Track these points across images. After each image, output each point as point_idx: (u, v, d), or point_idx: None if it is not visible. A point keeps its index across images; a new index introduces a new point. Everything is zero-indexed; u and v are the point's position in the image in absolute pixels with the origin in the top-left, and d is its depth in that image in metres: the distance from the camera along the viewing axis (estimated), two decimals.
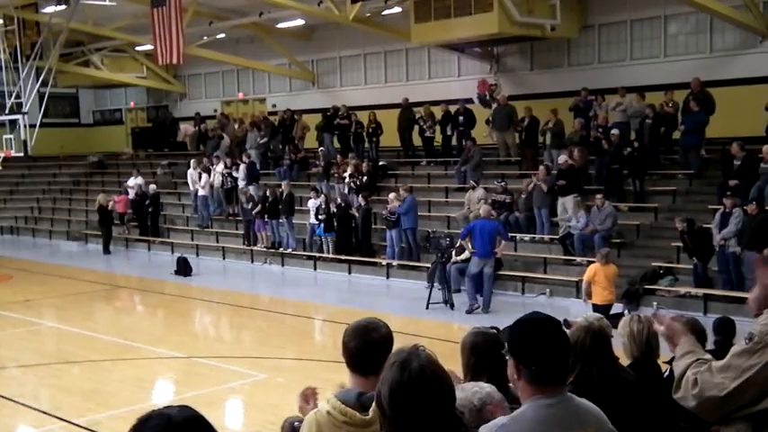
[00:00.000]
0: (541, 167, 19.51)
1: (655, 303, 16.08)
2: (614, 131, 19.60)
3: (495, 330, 4.25)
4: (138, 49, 31.64)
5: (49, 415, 10.66)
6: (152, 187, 27.73)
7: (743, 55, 20.09)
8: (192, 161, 27.66)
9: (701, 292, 15.89)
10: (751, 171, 16.84)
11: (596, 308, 13.97)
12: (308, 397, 4.11)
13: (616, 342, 4.92)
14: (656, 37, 21.59)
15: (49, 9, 26.40)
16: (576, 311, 12.97)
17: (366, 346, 3.59)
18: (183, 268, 22.48)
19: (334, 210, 22.12)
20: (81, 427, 10.14)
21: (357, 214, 21.58)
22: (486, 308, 16.65)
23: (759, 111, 18.18)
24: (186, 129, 32.20)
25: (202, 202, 26.97)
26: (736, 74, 19.86)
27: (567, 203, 18.83)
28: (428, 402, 2.68)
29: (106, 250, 27.19)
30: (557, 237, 18.86)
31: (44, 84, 28.68)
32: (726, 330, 7.50)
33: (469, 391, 3.46)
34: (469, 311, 16.52)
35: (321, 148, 25.65)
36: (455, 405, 2.94)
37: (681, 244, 16.72)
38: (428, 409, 2.66)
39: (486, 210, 17.53)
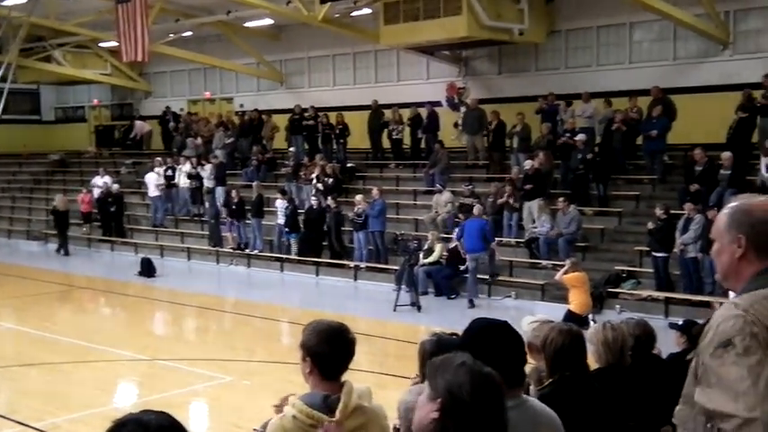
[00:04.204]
0: (508, 187, 19.54)
1: (617, 306, 16.28)
2: (580, 136, 19.78)
3: (454, 336, 4.26)
4: (102, 45, 31.30)
5: (6, 418, 10.44)
6: (115, 187, 27.46)
7: (705, 63, 20.37)
8: (157, 160, 27.44)
9: (662, 295, 16.09)
10: (712, 177, 17.10)
11: (573, 315, 14.22)
12: (283, 405, 4.09)
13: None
14: (622, 44, 21.82)
15: (9, 2, 25.98)
16: (541, 314, 13.06)
17: (335, 350, 3.58)
18: (147, 269, 22.29)
19: (303, 212, 22.08)
20: (39, 430, 9.96)
21: (328, 216, 21.54)
22: (470, 299, 17.39)
23: (720, 118, 18.46)
24: (141, 126, 31.96)
25: (156, 203, 26.86)
26: (698, 81, 20.13)
27: (532, 207, 18.97)
28: (501, 402, 2.64)
29: (63, 252, 26.76)
30: (523, 240, 18.98)
31: (3, 79, 28.26)
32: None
33: (414, 393, 3.47)
34: (471, 306, 17.26)
35: (291, 148, 25.58)
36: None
37: (644, 248, 16.94)
38: (501, 408, 2.62)
39: (478, 209, 18.31)
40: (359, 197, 21.04)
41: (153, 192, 26.77)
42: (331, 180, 22.88)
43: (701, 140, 18.26)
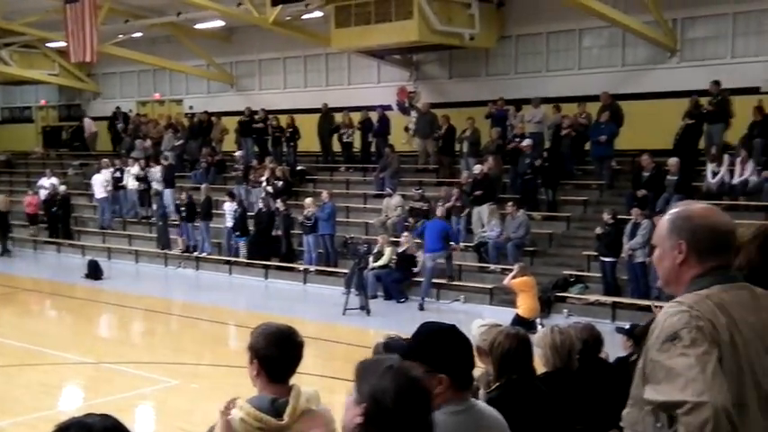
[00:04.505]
0: (456, 191, 19.64)
1: (565, 311, 16.44)
2: (526, 141, 19.93)
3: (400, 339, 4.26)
4: (49, 45, 30.82)
5: None
6: (62, 188, 27.04)
7: (653, 70, 20.69)
8: (104, 161, 27.06)
9: (609, 299, 16.29)
10: (659, 183, 17.35)
11: (522, 319, 14.34)
12: (230, 409, 4.05)
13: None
14: (571, 49, 22.07)
15: None
16: (491, 318, 13.13)
17: (283, 353, 3.56)
18: (94, 272, 22.00)
19: (253, 215, 21.96)
20: None
21: (277, 219, 21.43)
22: (422, 299, 17.72)
23: (668, 124, 18.76)
24: (89, 125, 31.55)
25: (103, 204, 26.53)
26: (646, 88, 20.43)
27: (482, 212, 19.08)
28: (427, 408, 2.62)
29: (1, 252, 26.30)
30: (471, 244, 19.08)
31: None
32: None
33: None
34: (421, 309, 17.54)
35: (240, 151, 25.42)
36: None
37: (592, 253, 17.14)
38: (427, 414, 2.61)
39: (441, 210, 18.61)
40: (309, 200, 20.98)
41: (100, 193, 26.42)
42: (281, 183, 22.78)
43: (648, 146, 18.51)
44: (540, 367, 5.42)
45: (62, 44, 27.01)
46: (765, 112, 17.84)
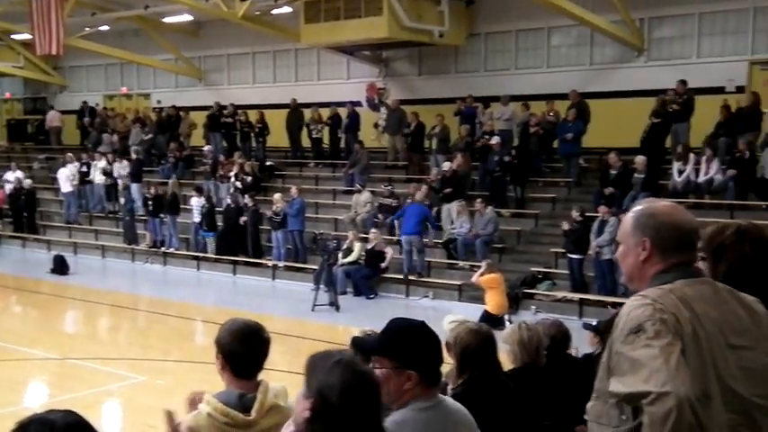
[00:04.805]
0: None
1: (533, 307, 16.53)
2: (495, 139, 20.01)
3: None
4: (14, 37, 30.43)
5: None
6: (27, 182, 26.73)
7: (620, 68, 20.87)
8: (69, 155, 26.78)
9: (576, 296, 16.41)
10: (626, 181, 17.49)
11: (490, 316, 14.45)
12: (197, 402, 4.03)
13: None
14: (540, 48, 22.19)
15: None
16: (461, 314, 13.19)
17: (250, 349, 3.55)
18: (60, 267, 21.80)
19: (222, 210, 21.85)
20: None
21: (245, 215, 21.33)
22: (419, 271, 18.41)
23: (635, 122, 18.91)
24: (52, 118, 31.20)
25: (69, 199, 26.28)
26: (613, 86, 20.60)
27: (451, 209, 19.13)
28: (375, 403, 2.62)
29: None
30: (441, 241, 19.12)
31: None
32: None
33: None
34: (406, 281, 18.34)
35: (208, 146, 25.27)
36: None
37: (559, 250, 17.26)
38: (374, 410, 2.61)
39: (421, 194, 18.79)
40: (277, 196, 20.91)
41: (65, 188, 26.13)
42: (249, 178, 22.68)
43: (616, 145, 18.66)
44: (508, 363, 5.45)
45: (27, 36, 26.67)
46: (731, 111, 18.06)
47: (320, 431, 2.51)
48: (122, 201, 24.58)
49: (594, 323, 7.80)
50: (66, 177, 26.01)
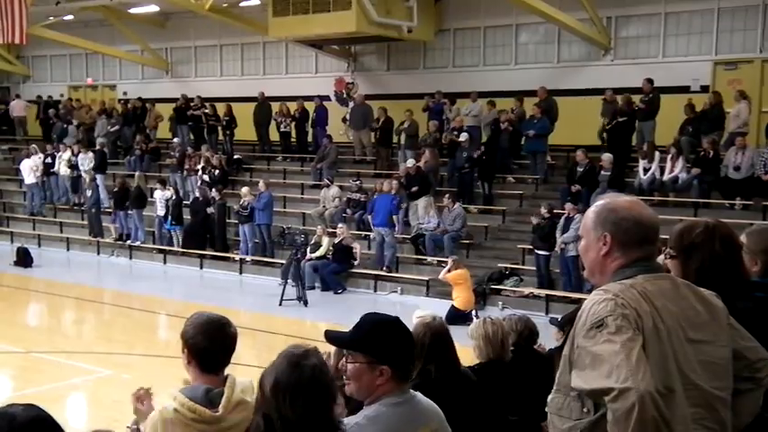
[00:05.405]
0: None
1: (500, 303, 16.61)
2: (463, 135, 20.06)
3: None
4: None
5: None
6: None
7: (587, 67, 21.02)
8: (33, 147, 26.44)
9: (543, 292, 16.52)
10: (593, 178, 17.63)
11: (457, 311, 14.54)
12: (142, 398, 4.01)
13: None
14: (508, 44, 22.29)
15: None
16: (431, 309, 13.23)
17: (216, 343, 3.53)
18: (24, 259, 21.54)
19: (188, 203, 21.71)
20: None
21: (212, 208, 21.20)
22: (389, 266, 18.45)
23: (602, 121, 19.06)
24: (17, 106, 30.77)
25: (32, 190, 25.98)
26: (580, 84, 20.77)
27: (419, 205, 19.15)
28: (317, 402, 2.62)
29: None
30: (409, 236, 19.15)
31: None
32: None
33: None
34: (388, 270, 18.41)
35: (175, 138, 25.08)
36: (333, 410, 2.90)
37: (527, 246, 17.35)
38: (315, 409, 2.61)
39: (387, 185, 18.85)
40: (245, 189, 20.81)
41: (29, 179, 25.81)
42: (217, 171, 22.56)
43: (582, 142, 18.81)
44: (474, 359, 5.48)
45: None
46: (696, 110, 18.26)
47: (263, 423, 2.52)
48: (88, 193, 24.32)
49: (560, 318, 7.85)
50: (29, 169, 25.67)
